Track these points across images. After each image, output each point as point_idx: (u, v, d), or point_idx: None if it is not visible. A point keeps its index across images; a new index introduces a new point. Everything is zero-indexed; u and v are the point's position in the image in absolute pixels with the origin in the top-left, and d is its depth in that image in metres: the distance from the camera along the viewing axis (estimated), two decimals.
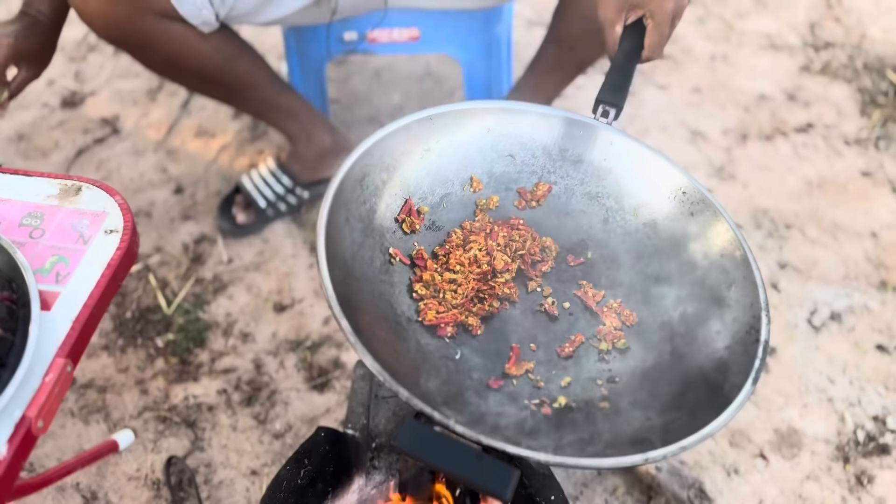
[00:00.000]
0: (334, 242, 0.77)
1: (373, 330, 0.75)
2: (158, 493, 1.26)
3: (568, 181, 0.95)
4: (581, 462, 0.67)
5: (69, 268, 0.82)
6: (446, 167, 0.93)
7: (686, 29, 2.21)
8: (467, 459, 0.61)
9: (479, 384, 0.79)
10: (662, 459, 0.67)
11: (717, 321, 0.80)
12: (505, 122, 0.94)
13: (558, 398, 0.78)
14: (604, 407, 0.78)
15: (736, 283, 0.81)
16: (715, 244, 0.85)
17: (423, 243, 0.89)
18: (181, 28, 1.26)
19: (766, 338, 0.75)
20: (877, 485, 1.31)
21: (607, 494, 1.28)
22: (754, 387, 0.71)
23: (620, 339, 0.84)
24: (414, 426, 0.63)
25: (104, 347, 1.44)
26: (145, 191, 1.73)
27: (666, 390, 0.78)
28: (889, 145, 1.89)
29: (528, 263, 0.90)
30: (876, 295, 1.58)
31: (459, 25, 1.60)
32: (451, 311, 0.83)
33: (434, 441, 0.62)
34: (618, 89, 0.93)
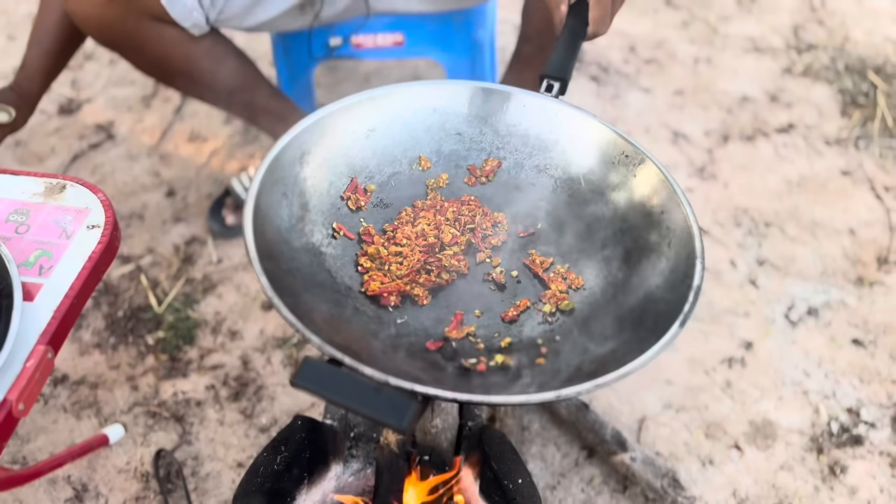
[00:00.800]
0: (266, 213, 0.81)
1: (304, 294, 0.78)
2: (147, 486, 1.29)
3: (517, 155, 0.97)
4: (486, 398, 0.69)
5: (52, 261, 0.86)
6: (393, 147, 0.95)
7: (670, 32, 2.25)
8: (366, 393, 0.62)
9: (417, 347, 0.81)
10: (575, 395, 0.68)
11: (658, 276, 0.82)
12: (451, 100, 0.96)
13: (496, 357, 0.80)
14: (540, 363, 0.80)
15: (674, 236, 0.83)
16: (655, 203, 0.86)
17: (371, 220, 0.92)
18: (172, 31, 1.30)
19: (699, 283, 0.76)
20: (849, 474, 1.33)
21: (584, 484, 1.31)
22: (681, 329, 0.72)
23: (564, 300, 0.86)
24: (313, 364, 0.63)
25: (96, 345, 1.48)
26: (138, 194, 1.77)
27: (602, 342, 0.80)
28: (868, 145, 1.92)
29: (479, 237, 0.92)
30: (853, 291, 1.61)
31: (443, 30, 1.64)
32: (395, 281, 0.86)
33: (334, 378, 0.63)
34: (562, 64, 0.95)
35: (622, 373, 0.69)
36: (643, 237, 0.86)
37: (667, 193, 0.85)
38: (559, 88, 0.95)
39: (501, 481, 0.96)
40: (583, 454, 1.34)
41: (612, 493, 1.30)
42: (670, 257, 0.82)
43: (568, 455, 1.34)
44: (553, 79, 0.95)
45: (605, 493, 1.30)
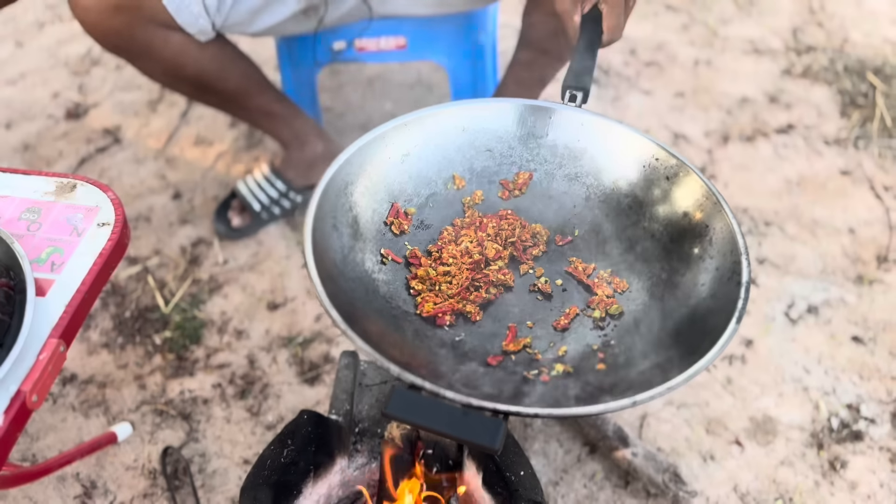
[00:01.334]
0: (322, 247, 0.82)
1: (366, 322, 0.80)
2: (155, 482, 1.31)
3: (547, 166, 0.99)
4: (563, 412, 0.70)
5: (63, 257, 0.88)
6: (427, 169, 0.97)
7: (670, 35, 2.27)
8: (454, 418, 0.65)
9: (479, 363, 0.83)
10: (650, 400, 0.70)
11: (702, 273, 0.84)
12: (478, 118, 0.98)
13: (556, 366, 0.82)
14: (601, 368, 0.81)
15: (714, 234, 0.84)
16: (692, 203, 0.88)
17: (414, 242, 0.94)
18: (179, 37, 1.32)
19: (748, 279, 0.78)
20: (850, 470, 1.35)
21: (586, 479, 1.32)
22: (738, 325, 0.74)
23: (613, 304, 0.88)
24: (402, 393, 0.66)
25: (104, 345, 1.50)
26: (145, 197, 1.80)
27: (658, 344, 0.81)
28: (868, 145, 1.94)
29: (520, 249, 0.94)
30: (852, 288, 1.63)
31: (445, 33, 1.66)
32: (447, 301, 0.88)
33: (422, 405, 0.66)
34: (582, 74, 0.97)
35: (692, 372, 0.70)
36: (682, 236, 0.88)
37: (702, 194, 0.87)
38: (582, 98, 0.97)
39: (503, 473, 0.97)
40: (585, 450, 1.36)
41: (613, 489, 1.31)
42: (713, 256, 0.84)
43: (570, 451, 1.36)
44: (575, 89, 0.97)
45: (606, 489, 1.31)
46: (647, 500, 1.30)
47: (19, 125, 1.99)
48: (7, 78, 2.13)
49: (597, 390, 0.78)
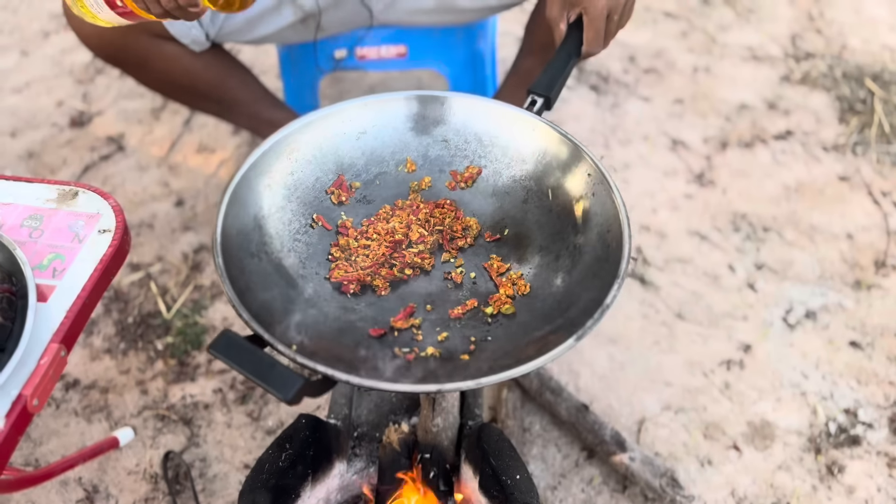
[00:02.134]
0: (245, 200, 0.91)
1: (262, 274, 0.87)
2: (156, 487, 1.32)
3: (496, 165, 1.03)
4: (387, 386, 0.75)
5: (65, 264, 0.90)
6: (382, 149, 1.03)
7: (669, 42, 2.28)
8: (263, 366, 0.71)
9: (361, 332, 0.87)
10: (454, 390, 0.77)
11: (589, 291, 0.86)
12: (440, 109, 1.03)
13: (427, 348, 0.86)
14: (464, 358, 0.85)
15: (610, 260, 0.86)
16: (606, 227, 0.90)
17: (351, 213, 0.99)
18: (173, 47, 1.34)
19: (609, 303, 0.79)
20: (847, 474, 1.35)
21: (584, 484, 1.33)
22: (575, 342, 0.76)
23: (507, 305, 0.91)
24: (229, 335, 0.74)
25: (107, 350, 1.51)
26: (148, 204, 1.81)
27: (521, 347, 0.84)
28: (866, 150, 1.94)
29: (447, 238, 0.98)
30: (850, 294, 1.63)
31: (445, 41, 1.68)
32: (358, 271, 0.93)
33: (241, 349, 0.73)
34: (550, 82, 1.02)
35: (503, 376, 0.74)
36: (588, 254, 0.91)
37: (616, 223, 0.89)
38: (542, 104, 1.01)
39: (500, 476, 0.98)
40: (583, 455, 1.37)
41: (611, 493, 1.32)
42: (602, 275, 0.86)
43: (568, 456, 1.37)
44: (538, 95, 1.01)
45: (604, 493, 1.32)
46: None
47: (24, 133, 2.01)
48: (12, 86, 2.15)
49: (442, 374, 0.82)
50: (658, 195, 1.83)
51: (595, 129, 1.99)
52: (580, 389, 1.45)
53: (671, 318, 1.58)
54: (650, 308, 1.59)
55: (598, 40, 1.01)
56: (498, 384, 1.42)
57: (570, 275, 0.91)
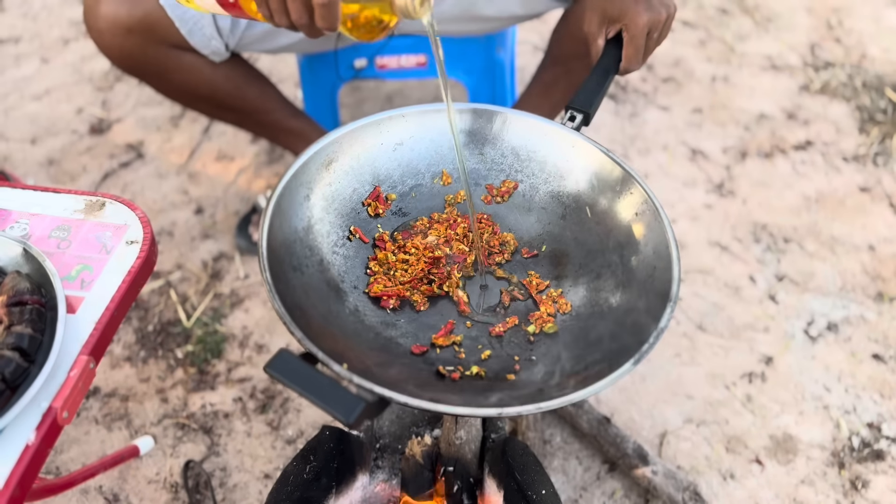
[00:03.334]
0: (286, 212, 0.89)
1: (305, 289, 0.85)
2: (176, 496, 1.32)
3: (533, 180, 1.02)
4: (439, 408, 0.72)
5: (93, 275, 0.90)
6: (418, 161, 1.02)
7: (687, 51, 2.27)
8: (323, 388, 0.69)
9: (403, 349, 0.87)
10: (516, 415, 0.72)
11: (635, 314, 0.85)
12: (477, 122, 1.02)
13: (472, 367, 0.85)
14: (510, 378, 0.84)
15: (657, 281, 0.85)
16: (651, 247, 0.89)
17: (387, 226, 0.98)
18: (192, 58, 1.34)
19: (664, 326, 0.78)
20: (871, 489, 1.34)
21: (605, 498, 1.32)
22: (634, 366, 0.75)
23: (549, 323, 0.90)
24: (284, 355, 0.71)
25: (127, 359, 1.52)
26: (168, 212, 1.82)
27: (570, 369, 0.83)
28: (887, 161, 1.93)
29: (485, 254, 0.97)
30: (872, 306, 1.62)
31: (465, 51, 1.68)
32: (397, 286, 0.92)
33: (299, 370, 0.70)
34: (589, 98, 1.01)
35: (564, 401, 0.72)
36: (632, 275, 0.89)
37: (661, 239, 0.88)
38: (581, 120, 0.99)
39: (525, 492, 0.98)
40: (604, 468, 1.36)
41: None
42: (650, 295, 0.84)
43: (590, 469, 1.36)
44: (577, 111, 1.00)
45: None
46: None
47: (44, 140, 2.02)
48: (33, 94, 2.16)
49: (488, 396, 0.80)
50: (678, 205, 1.82)
51: (614, 139, 1.98)
52: (601, 402, 1.45)
53: (692, 329, 1.57)
54: (671, 319, 1.58)
55: (638, 57, 1.01)
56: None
57: (613, 295, 0.90)
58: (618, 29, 1.01)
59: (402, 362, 0.85)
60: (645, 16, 0.99)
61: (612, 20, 1.01)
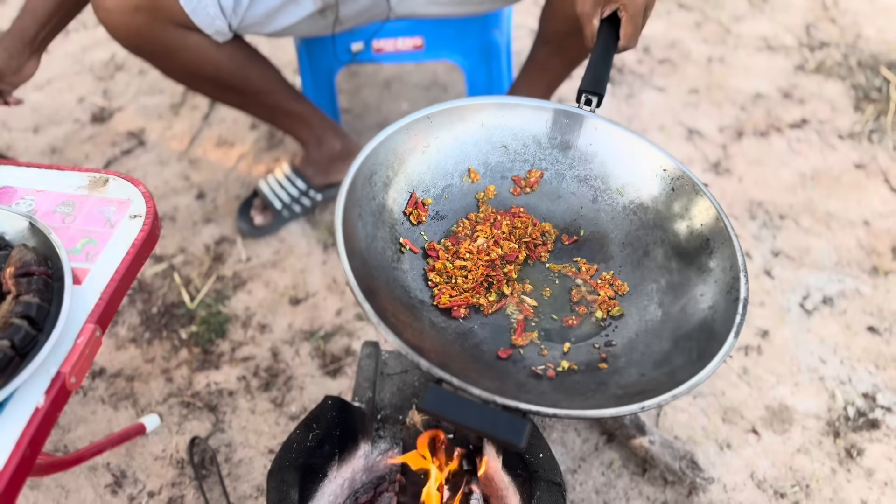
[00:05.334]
0: (350, 236, 0.85)
1: (392, 312, 0.82)
2: (182, 472, 1.35)
3: (558, 166, 1.02)
4: (584, 413, 0.72)
5: (98, 248, 0.92)
6: (445, 161, 1.01)
7: (683, 33, 2.29)
8: (485, 416, 0.69)
9: (489, 355, 0.87)
10: (657, 407, 0.73)
11: (701, 285, 0.87)
12: (497, 115, 1.02)
13: (561, 363, 0.85)
14: (602, 367, 0.85)
15: (716, 250, 0.87)
16: (696, 216, 0.91)
17: (430, 232, 0.97)
18: (197, 38, 1.36)
19: (745, 295, 0.81)
20: (866, 457, 1.36)
21: (604, 468, 1.34)
22: (736, 339, 0.77)
23: (615, 306, 0.91)
24: (436, 390, 0.70)
25: (132, 340, 1.54)
26: (170, 197, 1.84)
27: (658, 349, 0.85)
28: (882, 138, 1.94)
29: (531, 248, 0.98)
30: (868, 280, 1.64)
31: (461, 33, 1.69)
32: (463, 294, 0.91)
33: (454, 402, 0.70)
34: (598, 79, 1.00)
35: (695, 382, 0.74)
36: (684, 247, 0.91)
37: (702, 204, 0.90)
38: (596, 102, 1.00)
39: (523, 455, 1.00)
40: (602, 439, 1.38)
41: (631, 476, 1.33)
42: (714, 269, 0.86)
43: (588, 440, 1.38)
44: (591, 94, 0.99)
45: (624, 476, 1.33)
46: (665, 487, 1.31)
47: (47, 129, 2.04)
48: (34, 84, 2.18)
49: (607, 391, 0.80)
50: None
51: None
52: None
53: None
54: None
55: (636, 35, 1.01)
56: None
57: (668, 270, 0.91)
58: (614, 8, 1.01)
59: (496, 369, 0.85)
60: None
61: (607, 0, 1.02)
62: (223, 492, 1.31)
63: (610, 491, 1.31)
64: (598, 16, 1.03)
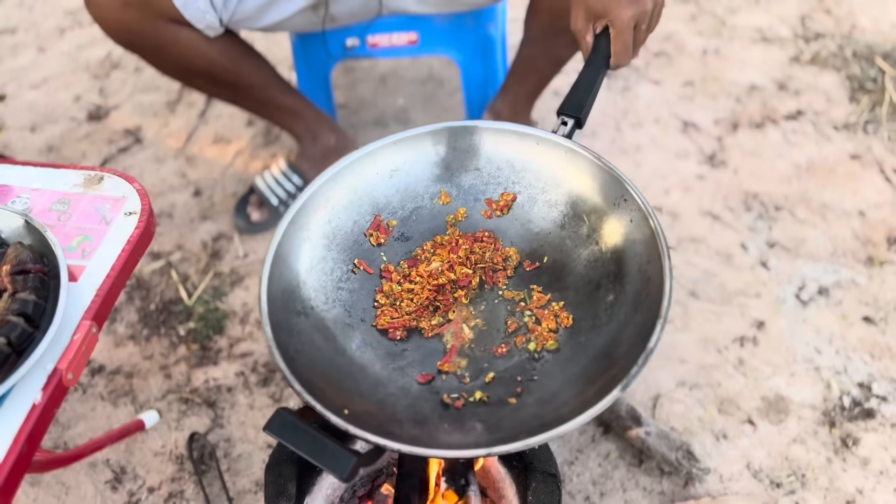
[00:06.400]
0: (287, 259, 0.90)
1: (311, 331, 0.87)
2: (182, 467, 1.36)
3: (531, 190, 1.01)
4: (440, 453, 0.75)
5: (93, 245, 0.93)
6: (416, 184, 1.01)
7: (678, 26, 2.29)
8: (317, 445, 0.73)
9: (409, 379, 0.88)
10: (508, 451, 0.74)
11: (631, 327, 0.84)
12: (469, 139, 1.01)
13: (475, 393, 0.85)
14: (511, 402, 0.84)
15: (651, 293, 0.84)
16: (645, 257, 0.88)
17: (391, 252, 0.98)
18: (188, 32, 1.37)
19: (652, 347, 0.77)
20: (862, 446, 1.37)
21: (601, 459, 1.35)
22: (622, 393, 0.75)
23: (550, 340, 0.89)
24: (281, 415, 0.75)
25: (130, 337, 1.55)
26: (167, 194, 1.85)
27: (569, 390, 0.82)
28: (877, 129, 1.95)
29: (489, 272, 0.97)
30: (863, 270, 1.64)
31: (456, 28, 1.69)
32: (403, 316, 0.92)
33: (294, 428, 0.74)
34: (580, 102, 0.99)
35: (560, 431, 0.73)
36: (629, 285, 0.88)
37: (655, 252, 0.86)
38: (574, 125, 0.99)
39: None
40: (599, 430, 1.39)
41: (628, 467, 1.34)
42: (643, 310, 0.83)
43: (584, 431, 1.39)
44: (568, 116, 0.98)
45: (621, 467, 1.34)
46: (661, 477, 1.32)
47: (43, 128, 2.04)
48: (31, 82, 2.19)
49: (497, 428, 0.80)
50: (670, 177, 1.84)
51: (606, 113, 2.00)
52: None
53: (685, 296, 1.59)
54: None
55: (627, 52, 0.99)
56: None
57: (612, 308, 0.89)
58: (604, 24, 1.00)
59: (408, 395, 0.86)
60: (629, 9, 0.97)
61: (597, 15, 0.99)
62: (223, 486, 1.32)
63: (607, 482, 1.32)
64: (591, 32, 1.02)
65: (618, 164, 0.97)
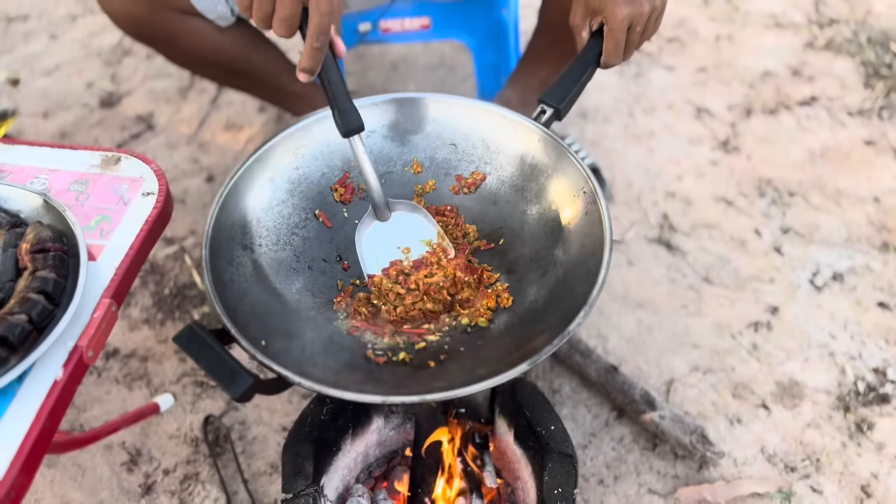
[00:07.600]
0: (245, 194, 0.95)
1: (254, 266, 0.92)
2: (197, 450, 1.36)
3: (500, 173, 1.03)
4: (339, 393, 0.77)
5: (112, 225, 0.93)
6: (390, 149, 1.03)
7: (691, 11, 2.27)
8: (218, 362, 0.77)
9: (341, 330, 0.91)
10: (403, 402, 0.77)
11: (559, 313, 0.85)
12: (451, 113, 1.03)
13: (400, 354, 0.88)
14: (431, 364, 0.87)
15: (587, 284, 0.85)
16: (590, 249, 0.89)
17: (353, 212, 1.02)
18: (199, 23, 1.36)
19: (571, 330, 0.79)
20: (877, 431, 1.36)
21: (615, 443, 1.35)
22: (528, 367, 0.77)
23: (483, 317, 0.92)
24: (191, 328, 0.79)
25: (145, 321, 1.55)
26: (179, 180, 1.85)
27: (486, 365, 0.84)
28: (892, 114, 1.93)
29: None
30: (878, 255, 1.63)
31: (468, 12, 1.69)
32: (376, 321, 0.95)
33: (200, 342, 0.79)
34: (562, 93, 0.99)
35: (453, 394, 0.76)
36: (569, 274, 0.90)
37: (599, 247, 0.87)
38: (552, 115, 0.99)
39: (535, 428, 1.01)
40: (612, 414, 1.39)
41: (641, 451, 1.34)
42: (575, 298, 0.84)
43: (598, 416, 1.39)
44: (548, 105, 0.99)
45: (635, 451, 1.34)
46: (675, 461, 1.32)
47: (56, 114, 2.05)
48: (43, 69, 2.19)
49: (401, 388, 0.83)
50: (683, 162, 1.83)
51: (619, 99, 2.00)
52: (608, 352, 1.47)
53: (698, 282, 1.59)
54: (677, 273, 1.60)
55: (618, 52, 0.99)
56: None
57: (550, 293, 0.91)
58: (600, 21, 1.00)
59: (334, 343, 0.89)
60: (625, 9, 0.97)
61: (594, 12, 0.99)
62: (237, 468, 1.32)
63: (621, 466, 1.32)
64: (588, 28, 1.02)
65: (631, 150, 0.99)
